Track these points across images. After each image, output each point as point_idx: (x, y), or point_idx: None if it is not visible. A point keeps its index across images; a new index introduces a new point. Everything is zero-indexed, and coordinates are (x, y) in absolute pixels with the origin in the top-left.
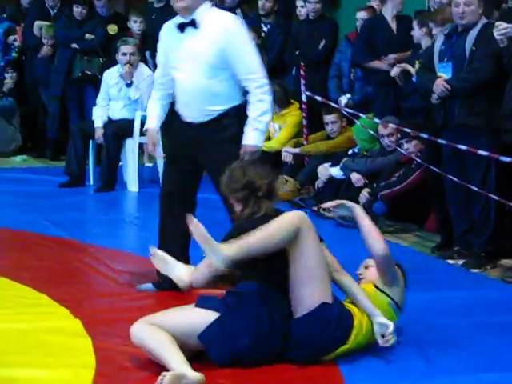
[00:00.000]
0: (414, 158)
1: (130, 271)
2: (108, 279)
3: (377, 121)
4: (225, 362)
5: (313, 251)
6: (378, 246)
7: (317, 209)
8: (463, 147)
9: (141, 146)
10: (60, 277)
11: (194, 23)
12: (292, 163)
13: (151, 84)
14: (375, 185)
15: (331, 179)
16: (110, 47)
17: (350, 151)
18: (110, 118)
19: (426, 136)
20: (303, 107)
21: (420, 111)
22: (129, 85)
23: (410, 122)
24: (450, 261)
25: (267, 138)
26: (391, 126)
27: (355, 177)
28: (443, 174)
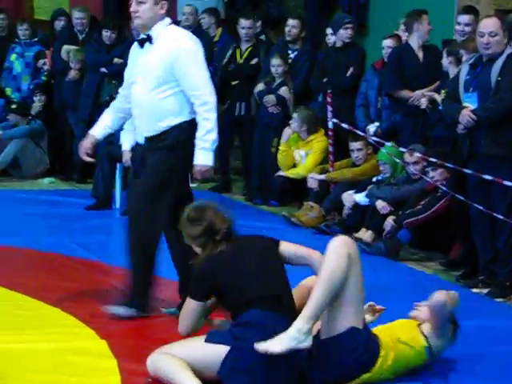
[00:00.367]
0: (439, 187)
1: (155, 294)
2: None
3: (402, 150)
4: None
5: (359, 277)
6: (438, 296)
7: None
8: (489, 177)
9: None
10: (87, 298)
11: (150, 39)
12: (317, 190)
13: None
14: (400, 212)
15: (356, 206)
16: None
17: (375, 179)
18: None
19: (451, 166)
20: (329, 134)
21: (446, 140)
22: None
23: (436, 151)
24: (474, 290)
25: (293, 164)
26: (416, 154)
27: (380, 204)
28: (469, 202)
